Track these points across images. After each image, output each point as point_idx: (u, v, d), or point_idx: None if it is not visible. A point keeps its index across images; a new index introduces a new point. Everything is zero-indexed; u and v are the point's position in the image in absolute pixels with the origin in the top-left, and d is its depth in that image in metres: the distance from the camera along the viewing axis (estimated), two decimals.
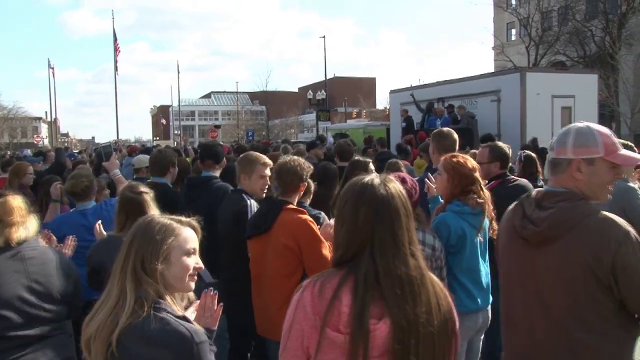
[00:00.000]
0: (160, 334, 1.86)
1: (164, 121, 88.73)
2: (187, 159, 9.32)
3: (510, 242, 2.42)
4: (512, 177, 4.76)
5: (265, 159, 4.27)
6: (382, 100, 68.26)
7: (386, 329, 1.71)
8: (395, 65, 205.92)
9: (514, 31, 44.52)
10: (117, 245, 2.32)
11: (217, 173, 5.21)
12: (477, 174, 3.67)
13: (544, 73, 16.57)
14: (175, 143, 46.05)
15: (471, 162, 3.68)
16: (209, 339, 2.01)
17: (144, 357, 1.86)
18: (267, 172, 4.21)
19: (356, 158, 5.15)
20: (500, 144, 4.89)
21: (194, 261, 2.05)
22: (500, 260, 2.55)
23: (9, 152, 26.47)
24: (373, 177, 1.91)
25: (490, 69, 40.44)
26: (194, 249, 2.07)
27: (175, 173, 5.44)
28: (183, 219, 2.11)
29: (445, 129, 5.05)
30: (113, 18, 34.14)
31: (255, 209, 4.05)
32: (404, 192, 1.91)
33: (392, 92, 20.20)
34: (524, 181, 4.74)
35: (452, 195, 3.63)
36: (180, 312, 1.99)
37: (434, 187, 3.96)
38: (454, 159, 3.66)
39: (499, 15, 43.06)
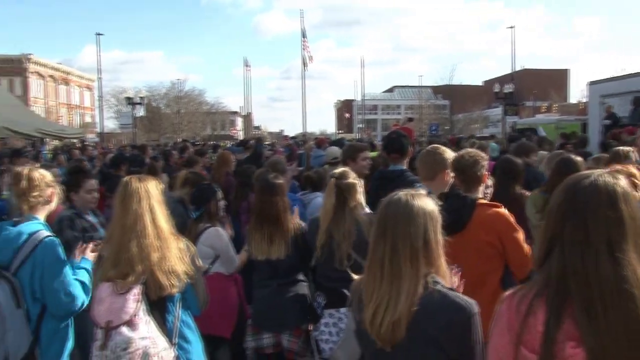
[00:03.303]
0: (442, 306, 1.96)
1: (347, 115, 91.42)
2: (374, 152, 9.46)
3: None
4: None
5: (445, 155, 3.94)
6: (576, 94, 63.29)
7: (583, 354, 1.47)
8: (591, 56, 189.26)
9: None
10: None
11: (405, 164, 5.15)
12: None
13: None
14: (358, 136, 47.20)
15: None
16: None
17: (428, 328, 1.96)
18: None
19: (566, 156, 4.74)
20: None
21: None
22: None
23: (212, 142, 29.25)
24: (593, 171, 1.67)
25: None
26: None
27: (356, 166, 5.36)
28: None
29: None
30: (302, 17, 36.03)
31: None
32: (625, 188, 1.59)
33: (591, 83, 18.49)
34: None
35: None
36: (449, 285, 2.07)
37: None
38: None
39: None
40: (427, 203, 2.09)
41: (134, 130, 36.43)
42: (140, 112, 41.22)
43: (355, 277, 2.31)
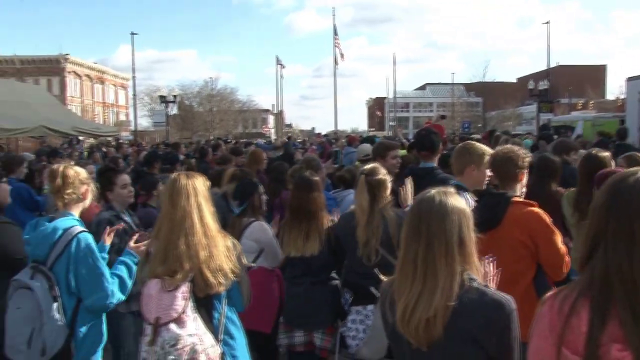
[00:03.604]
0: (480, 303, 1.95)
1: (379, 113, 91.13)
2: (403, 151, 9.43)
3: None
4: None
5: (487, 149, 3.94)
6: (613, 90, 61.69)
7: (630, 357, 1.41)
8: (630, 51, 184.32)
9: None
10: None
11: (435, 162, 5.12)
12: None
13: None
14: (390, 133, 46.99)
15: None
16: None
17: (466, 326, 1.95)
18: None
19: (589, 153, 4.62)
20: None
21: None
22: None
23: (243, 140, 29.47)
24: (638, 168, 1.61)
25: None
26: None
27: (386, 164, 5.35)
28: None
29: None
30: (334, 15, 36.05)
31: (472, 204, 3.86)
32: None
33: (629, 79, 18.08)
34: None
35: None
36: (482, 281, 2.05)
37: None
38: None
39: None
40: (459, 200, 2.08)
41: (167, 128, 36.87)
42: (174, 110, 41.65)
43: (383, 277, 2.29)
